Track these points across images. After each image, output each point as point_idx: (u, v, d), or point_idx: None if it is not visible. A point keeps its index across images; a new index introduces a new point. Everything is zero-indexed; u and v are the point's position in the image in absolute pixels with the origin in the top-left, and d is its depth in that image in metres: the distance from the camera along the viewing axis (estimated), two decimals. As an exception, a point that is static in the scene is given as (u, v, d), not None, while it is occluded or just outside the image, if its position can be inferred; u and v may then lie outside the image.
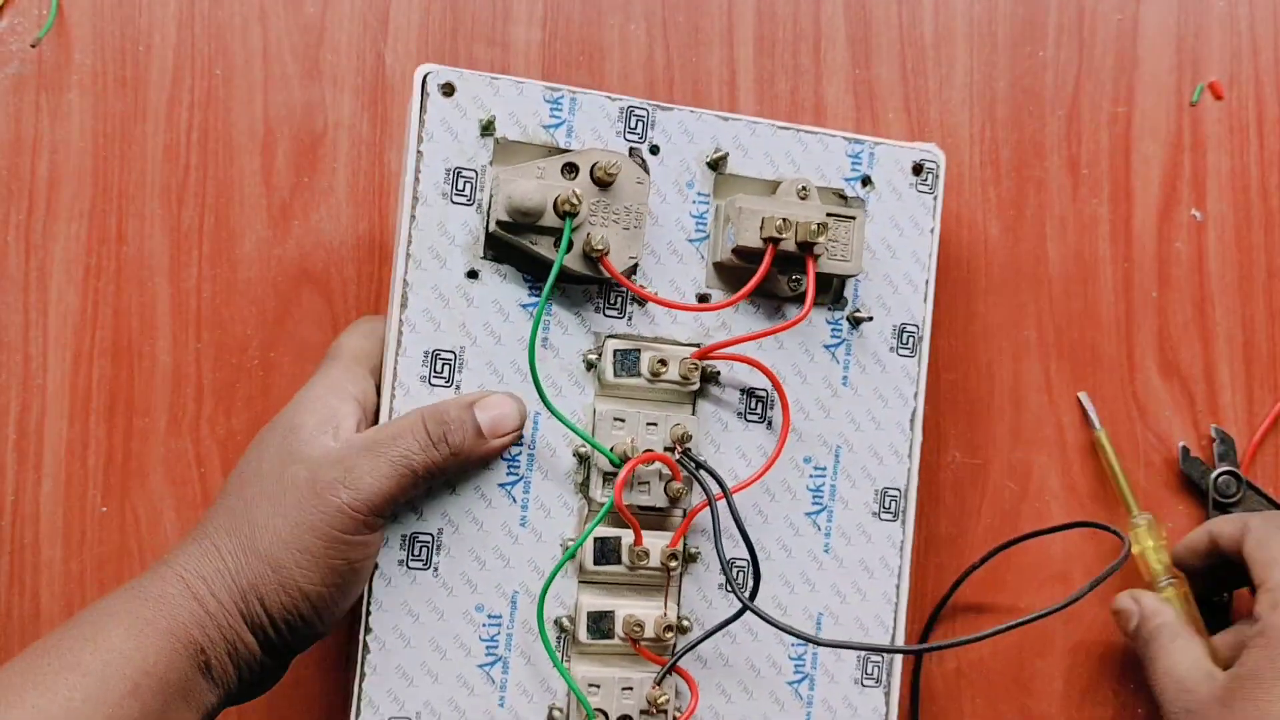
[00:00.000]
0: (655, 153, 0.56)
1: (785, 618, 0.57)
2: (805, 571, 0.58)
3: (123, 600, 0.48)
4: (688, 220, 0.57)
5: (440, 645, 0.54)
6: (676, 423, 0.55)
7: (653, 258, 0.56)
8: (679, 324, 0.56)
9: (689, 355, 0.56)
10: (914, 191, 0.58)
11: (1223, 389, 0.64)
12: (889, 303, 0.58)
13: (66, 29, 0.63)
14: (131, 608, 0.47)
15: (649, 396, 0.56)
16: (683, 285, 0.57)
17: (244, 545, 0.48)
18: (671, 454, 0.55)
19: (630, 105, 0.55)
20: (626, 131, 0.56)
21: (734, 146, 0.57)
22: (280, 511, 0.48)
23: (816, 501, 0.58)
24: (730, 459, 0.57)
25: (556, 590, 0.55)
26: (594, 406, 0.55)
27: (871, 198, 0.58)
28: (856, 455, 0.58)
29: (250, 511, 0.49)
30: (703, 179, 0.57)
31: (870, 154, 0.58)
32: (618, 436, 0.55)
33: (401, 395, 0.54)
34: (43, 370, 0.61)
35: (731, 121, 0.57)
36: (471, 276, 0.54)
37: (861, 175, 0.58)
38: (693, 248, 0.57)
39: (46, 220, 0.62)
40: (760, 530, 0.57)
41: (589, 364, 0.56)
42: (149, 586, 0.48)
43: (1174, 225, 0.65)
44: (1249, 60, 0.65)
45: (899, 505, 0.58)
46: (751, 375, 0.57)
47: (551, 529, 0.55)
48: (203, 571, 0.48)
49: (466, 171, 0.54)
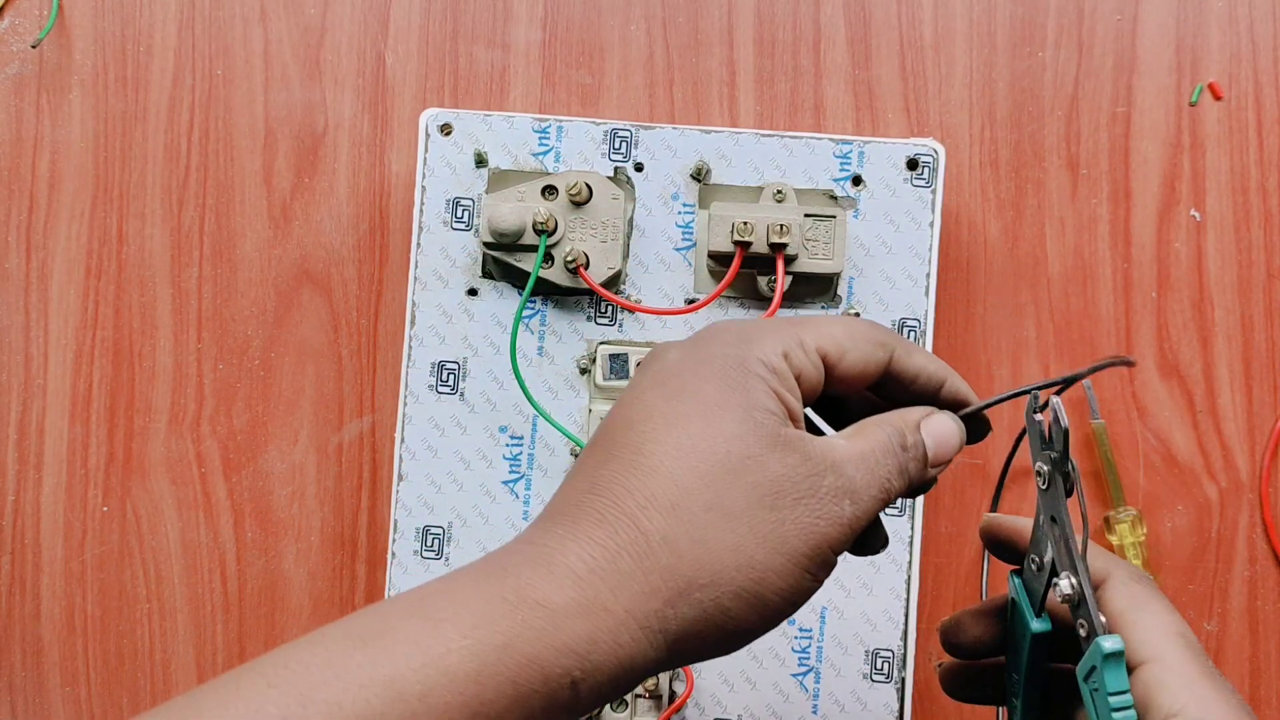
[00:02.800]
0: (640, 170, 0.59)
1: None
2: None
3: (478, 594, 0.35)
4: (674, 230, 0.59)
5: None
6: None
7: (640, 267, 0.59)
8: (669, 329, 0.59)
9: None
10: (909, 187, 0.59)
11: (1221, 389, 0.64)
12: (887, 298, 0.59)
13: (67, 30, 0.63)
14: (487, 612, 0.35)
15: None
16: (672, 292, 0.59)
17: (693, 534, 0.36)
18: None
19: (614, 128, 0.59)
20: (611, 152, 0.59)
21: (717, 158, 0.59)
22: (766, 503, 0.37)
23: None
24: None
25: None
26: (589, 408, 0.58)
27: (863, 196, 0.59)
28: None
29: (706, 489, 0.36)
30: (687, 190, 0.59)
31: (860, 153, 0.59)
32: None
33: (413, 402, 0.59)
34: (43, 370, 0.61)
35: (714, 134, 0.59)
36: (471, 294, 0.59)
37: (851, 175, 0.59)
38: (680, 256, 0.59)
39: (47, 220, 0.62)
40: None
41: (582, 369, 0.59)
42: (522, 579, 0.35)
43: (1173, 225, 0.65)
44: (1248, 61, 0.65)
45: (905, 500, 0.59)
46: None
47: None
48: (608, 570, 0.36)
49: (464, 200, 0.59)
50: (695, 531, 0.36)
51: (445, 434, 0.58)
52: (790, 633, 0.58)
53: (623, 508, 0.36)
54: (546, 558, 0.35)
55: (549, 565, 0.35)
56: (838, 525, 0.37)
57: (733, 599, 0.36)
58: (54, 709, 0.63)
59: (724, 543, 0.36)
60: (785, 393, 0.38)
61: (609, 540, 0.35)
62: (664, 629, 0.35)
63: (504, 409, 0.59)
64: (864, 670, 0.58)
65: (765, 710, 0.58)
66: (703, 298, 0.59)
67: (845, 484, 0.38)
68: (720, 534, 0.36)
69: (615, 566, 0.35)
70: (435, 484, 0.59)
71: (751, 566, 0.36)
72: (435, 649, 0.34)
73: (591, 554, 0.35)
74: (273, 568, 0.63)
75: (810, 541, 0.37)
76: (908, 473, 0.40)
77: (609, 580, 0.35)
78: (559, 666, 0.34)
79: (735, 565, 0.36)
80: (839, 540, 0.38)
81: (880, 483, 0.39)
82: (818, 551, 0.37)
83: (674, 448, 0.36)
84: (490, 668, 0.34)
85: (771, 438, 0.37)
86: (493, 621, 0.34)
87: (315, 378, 0.63)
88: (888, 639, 0.59)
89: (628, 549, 0.35)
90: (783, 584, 0.36)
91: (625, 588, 0.35)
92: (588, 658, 0.35)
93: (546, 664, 0.34)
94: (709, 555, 0.35)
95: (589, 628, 0.35)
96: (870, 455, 0.39)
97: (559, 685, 0.34)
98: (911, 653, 0.59)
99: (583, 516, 0.36)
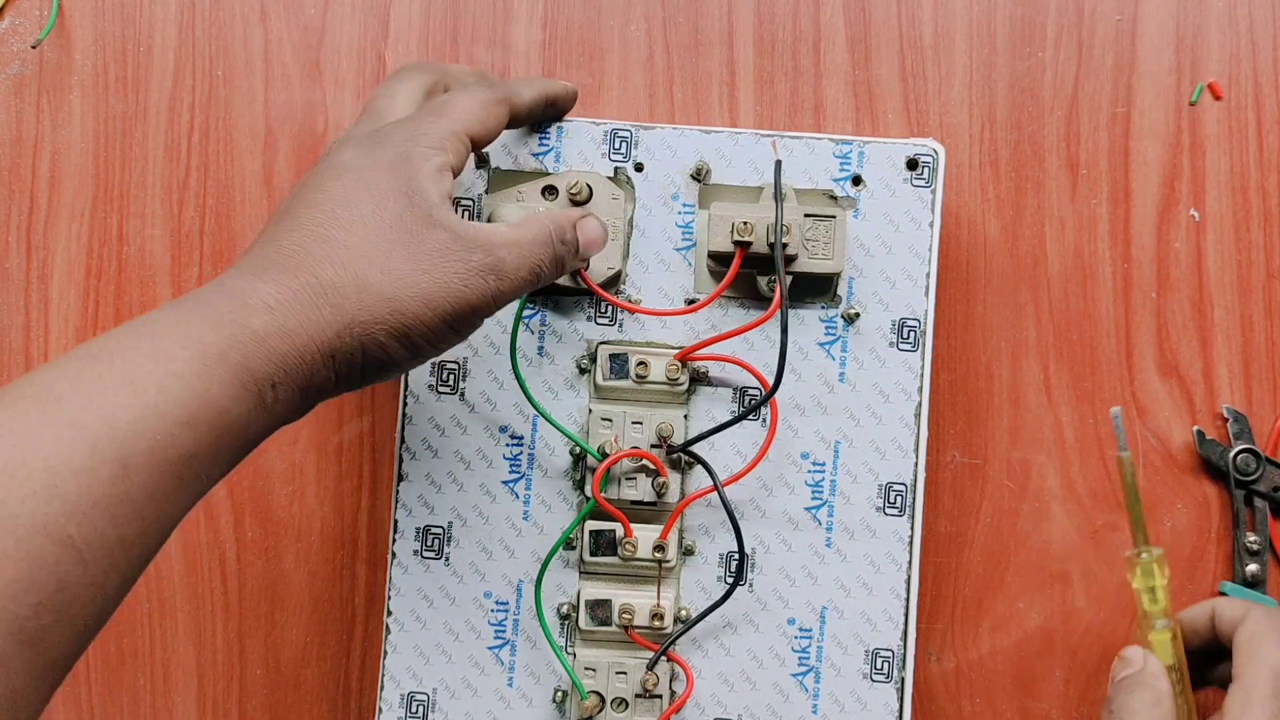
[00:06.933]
0: (640, 170, 0.59)
1: (786, 610, 0.59)
2: (807, 566, 0.58)
3: (188, 320, 0.43)
4: (674, 231, 0.59)
5: (453, 628, 0.58)
6: (660, 420, 0.58)
7: (641, 267, 0.59)
8: (669, 329, 0.59)
9: (671, 357, 0.58)
10: (909, 187, 0.59)
11: (1221, 389, 0.64)
12: (886, 298, 0.59)
13: (67, 30, 0.63)
14: (201, 332, 0.42)
15: (641, 398, 0.59)
16: (672, 292, 0.59)
17: (358, 283, 0.45)
18: (658, 451, 0.57)
19: (614, 128, 0.59)
20: (611, 153, 0.59)
21: (717, 158, 0.59)
22: (419, 266, 0.46)
23: (816, 496, 0.59)
24: (726, 456, 0.59)
25: (560, 580, 0.59)
26: (589, 408, 0.58)
27: (863, 196, 0.59)
28: (857, 450, 0.59)
29: (372, 252, 0.46)
30: (687, 190, 0.59)
31: (860, 153, 0.59)
32: (605, 436, 0.58)
33: (413, 402, 0.59)
34: (43, 370, 0.61)
35: (714, 134, 0.59)
36: None
37: (851, 175, 0.59)
38: (680, 256, 0.59)
39: (47, 220, 0.63)
40: (758, 525, 0.59)
41: (582, 369, 0.59)
42: (223, 309, 0.44)
43: (1173, 225, 0.65)
44: (1248, 60, 0.65)
45: (904, 500, 0.59)
46: (744, 375, 0.59)
47: (552, 522, 0.59)
48: (292, 303, 0.44)
49: (465, 200, 0.59)
50: (359, 281, 0.45)
51: (445, 434, 0.58)
52: (790, 633, 0.58)
53: (303, 262, 0.45)
54: (243, 294, 0.44)
55: (245, 299, 0.44)
56: (481, 294, 0.47)
57: (386, 335, 0.45)
58: (54, 709, 0.63)
59: (382, 292, 0.45)
60: (443, 182, 0.48)
61: (293, 283, 0.44)
62: (334, 354, 0.45)
63: (504, 409, 0.59)
64: (864, 670, 0.58)
65: (765, 710, 0.58)
66: (703, 297, 0.59)
67: (493, 262, 0.48)
68: (379, 285, 0.45)
69: (298, 301, 0.44)
70: (435, 484, 0.59)
71: (403, 313, 0.46)
72: (162, 357, 0.41)
73: (279, 293, 0.44)
74: (273, 568, 0.63)
75: (453, 302, 0.46)
76: (561, 261, 0.51)
77: (294, 312, 0.44)
78: (262, 372, 0.43)
79: (389, 310, 0.45)
80: (481, 305, 0.47)
81: (531, 265, 0.49)
82: (459, 311, 0.47)
83: (348, 221, 0.46)
84: (210, 370, 0.42)
85: (426, 218, 0.47)
86: (205, 337, 0.42)
87: (315, 377, 0.63)
88: (888, 639, 0.59)
89: (308, 289, 0.44)
90: (428, 331, 0.46)
91: (306, 318, 0.44)
92: (282, 367, 0.44)
93: (254, 369, 0.43)
94: (370, 299, 0.45)
95: (282, 347, 0.44)
96: (525, 242, 0.49)
97: (264, 388, 0.43)
98: (911, 653, 0.59)
99: (271, 267, 0.45)
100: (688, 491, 0.58)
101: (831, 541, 0.59)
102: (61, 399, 0.40)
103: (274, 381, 0.43)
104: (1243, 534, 0.63)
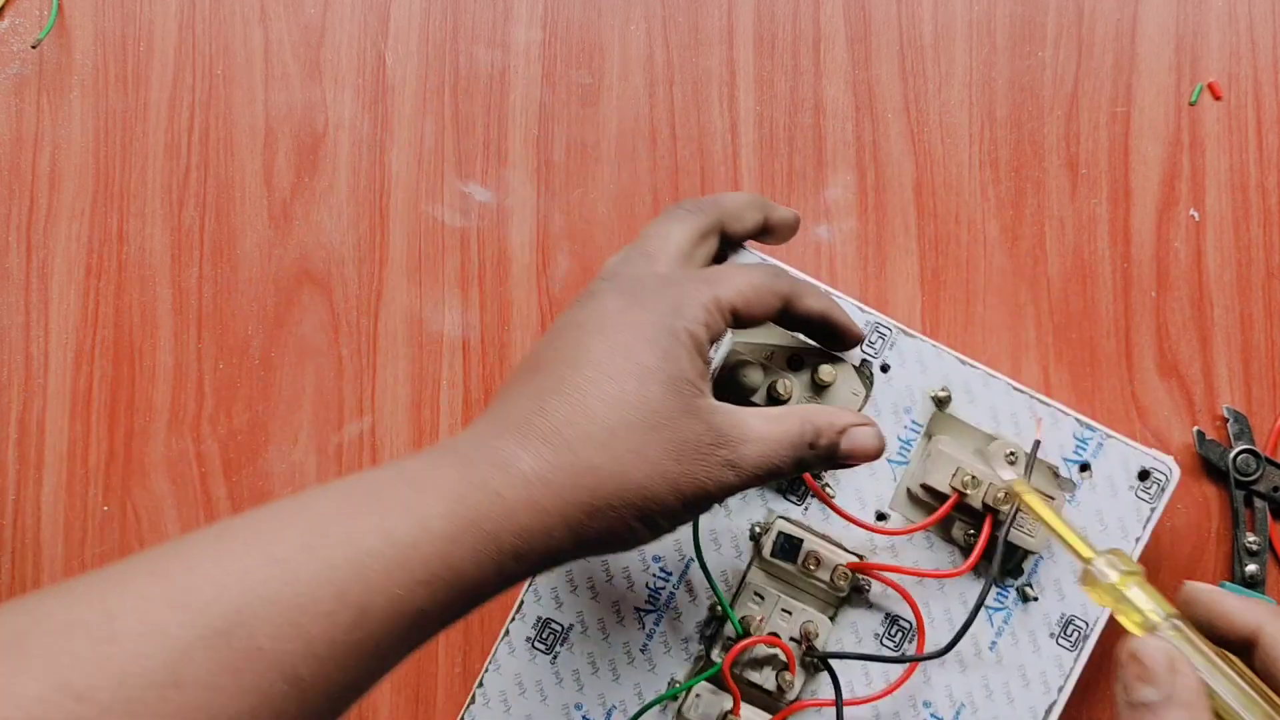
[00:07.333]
0: (885, 370, 0.57)
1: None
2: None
3: (448, 475, 0.43)
4: (894, 442, 0.57)
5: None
6: (809, 619, 0.56)
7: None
8: (850, 530, 0.57)
9: (844, 563, 0.56)
10: (1132, 495, 0.57)
11: (1221, 388, 0.64)
12: (1065, 591, 0.57)
13: (67, 29, 0.63)
14: (461, 493, 0.43)
15: (799, 585, 0.57)
16: (867, 499, 0.57)
17: (616, 468, 0.45)
18: (795, 645, 0.56)
19: (877, 321, 0.57)
20: (865, 344, 0.57)
21: (962, 389, 0.57)
22: (672, 454, 0.46)
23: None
24: (852, 670, 0.57)
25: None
26: (745, 575, 0.57)
27: (1085, 484, 0.57)
28: (978, 719, 0.57)
29: (631, 437, 0.46)
30: (922, 409, 0.57)
31: (1100, 444, 0.57)
32: (751, 610, 0.56)
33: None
34: (44, 369, 0.61)
35: (968, 366, 0.57)
36: None
37: (1082, 461, 0.57)
38: (889, 467, 0.57)
39: (47, 220, 0.62)
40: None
41: (753, 535, 0.57)
42: (484, 473, 0.44)
43: (1172, 225, 0.65)
44: (1248, 60, 0.65)
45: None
46: (900, 605, 0.57)
47: (666, 665, 0.57)
48: (550, 479, 0.44)
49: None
50: (617, 466, 0.45)
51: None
52: None
53: (564, 436, 0.45)
54: (505, 462, 0.44)
55: (506, 468, 0.44)
56: (719, 485, 0.47)
57: (635, 519, 0.46)
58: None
59: (637, 479, 0.45)
60: (700, 361, 0.48)
61: (553, 458, 0.44)
62: (580, 532, 0.45)
63: (664, 539, 0.55)
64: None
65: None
66: (893, 514, 0.57)
67: (735, 458, 0.47)
68: (635, 472, 0.45)
69: (556, 478, 0.44)
70: (573, 584, 0.57)
71: (652, 500, 0.46)
72: (421, 511, 0.42)
73: (537, 466, 0.44)
74: (273, 567, 0.63)
75: (695, 490, 0.47)
76: (804, 463, 0.49)
77: (551, 489, 0.44)
78: (509, 545, 0.43)
79: (641, 496, 0.45)
80: (717, 494, 0.47)
81: (770, 466, 0.48)
82: (698, 498, 0.47)
83: (611, 398, 0.46)
84: (462, 534, 0.42)
85: (686, 407, 0.47)
86: (464, 500, 0.42)
87: (315, 378, 0.63)
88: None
89: (565, 469, 0.45)
90: (672, 515, 0.47)
91: (561, 499, 0.44)
92: (528, 541, 0.44)
93: (503, 541, 0.43)
94: (624, 486, 0.45)
95: (531, 520, 0.44)
96: (772, 440, 0.48)
97: (506, 559, 0.43)
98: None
99: (533, 433, 0.45)
100: (805, 694, 0.57)
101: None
102: (326, 535, 0.40)
103: (518, 554, 0.44)
104: (1242, 534, 0.63)
